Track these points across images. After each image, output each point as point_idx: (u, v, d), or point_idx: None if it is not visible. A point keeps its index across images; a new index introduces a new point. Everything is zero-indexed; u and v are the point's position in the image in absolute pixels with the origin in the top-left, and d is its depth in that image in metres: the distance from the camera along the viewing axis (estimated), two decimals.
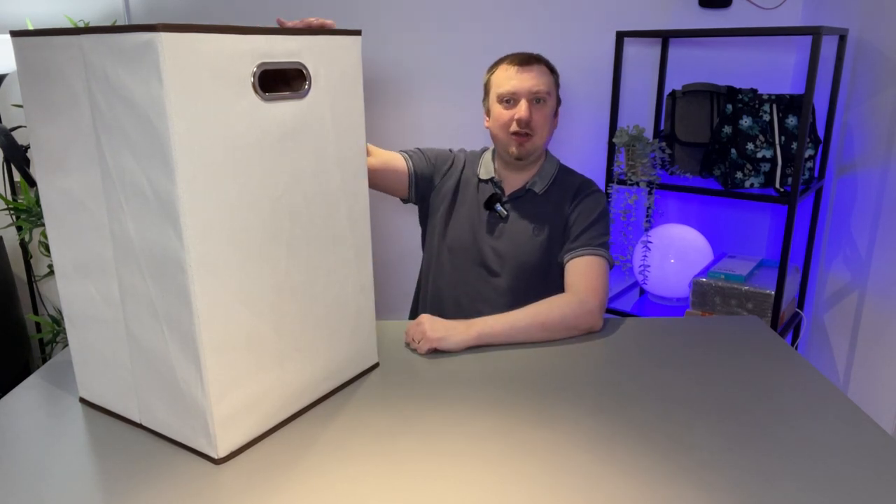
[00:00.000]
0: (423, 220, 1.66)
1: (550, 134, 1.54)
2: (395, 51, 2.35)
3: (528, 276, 1.52)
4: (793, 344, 2.16)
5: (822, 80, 2.09)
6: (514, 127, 1.48)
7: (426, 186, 1.61)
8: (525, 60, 1.49)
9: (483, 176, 1.58)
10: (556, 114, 1.55)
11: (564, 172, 1.59)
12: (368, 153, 1.50)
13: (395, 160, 1.57)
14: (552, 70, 1.53)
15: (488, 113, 1.56)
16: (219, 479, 0.89)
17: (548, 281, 1.52)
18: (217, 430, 0.91)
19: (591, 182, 1.57)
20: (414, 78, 2.38)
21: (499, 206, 1.54)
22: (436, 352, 1.27)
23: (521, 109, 1.47)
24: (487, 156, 1.61)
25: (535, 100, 1.48)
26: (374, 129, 2.47)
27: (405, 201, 1.65)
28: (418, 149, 1.64)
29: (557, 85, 1.55)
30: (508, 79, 1.48)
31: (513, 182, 1.57)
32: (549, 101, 1.50)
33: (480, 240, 1.55)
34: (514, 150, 1.50)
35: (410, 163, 1.59)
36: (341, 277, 1.09)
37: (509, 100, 1.49)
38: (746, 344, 1.31)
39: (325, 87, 1.00)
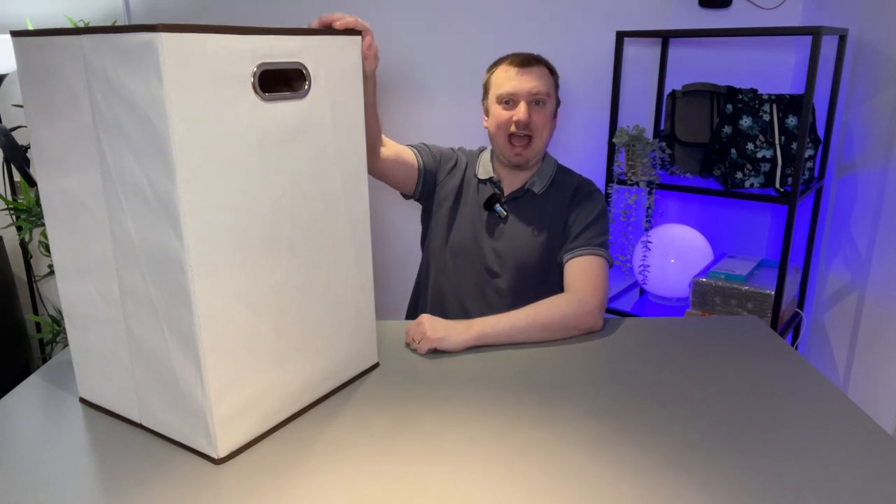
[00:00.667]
0: (426, 218, 1.66)
1: (550, 136, 1.53)
2: (396, 50, 2.35)
3: (528, 276, 1.52)
4: (793, 344, 2.16)
5: (822, 80, 2.09)
6: (512, 128, 1.48)
7: (431, 183, 1.61)
8: (525, 61, 1.49)
9: (482, 176, 1.58)
10: (555, 115, 1.55)
11: (563, 173, 1.58)
12: (382, 143, 1.50)
13: (406, 153, 1.57)
14: (552, 71, 1.53)
15: (487, 113, 1.55)
16: (219, 479, 0.89)
17: (548, 281, 1.52)
18: (217, 430, 0.91)
19: (590, 182, 1.57)
20: (414, 77, 2.38)
21: (498, 207, 1.54)
22: (436, 352, 1.27)
23: (520, 111, 1.46)
24: (486, 155, 1.61)
25: (535, 101, 1.48)
26: None
27: (407, 197, 1.64)
28: (424, 144, 1.63)
29: (557, 86, 1.54)
30: (508, 80, 1.48)
31: (511, 182, 1.57)
32: (549, 102, 1.50)
33: (481, 241, 1.55)
34: (514, 159, 1.51)
35: (420, 158, 1.59)
36: (341, 277, 1.09)
37: (508, 101, 1.48)
38: (746, 344, 1.31)
39: (325, 87, 1.00)
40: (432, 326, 1.27)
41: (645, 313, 2.24)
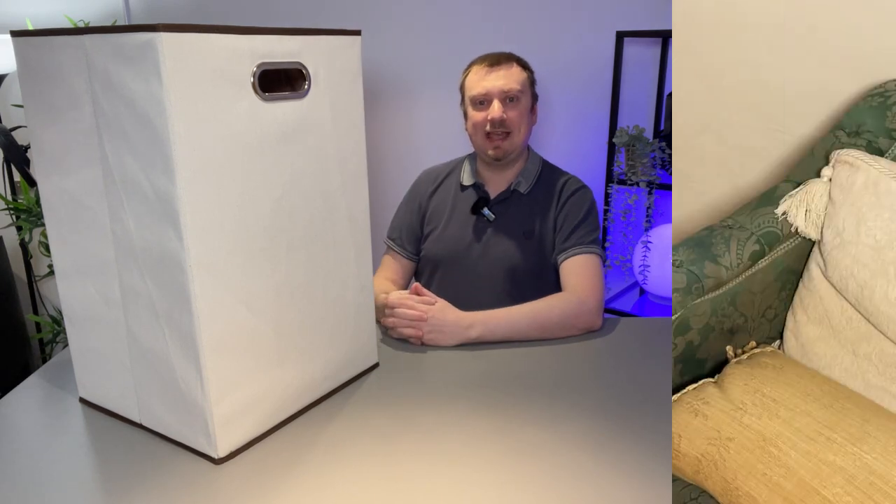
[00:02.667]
0: (421, 238, 1.66)
1: (528, 131, 1.54)
2: (396, 51, 2.35)
3: (521, 278, 1.51)
4: None
5: None
6: (488, 127, 1.48)
7: (420, 234, 1.63)
8: (495, 61, 1.49)
9: (466, 182, 1.58)
10: (533, 110, 1.55)
11: (549, 170, 1.58)
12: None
13: (400, 268, 1.61)
14: (525, 67, 1.53)
15: (466, 116, 1.56)
16: (219, 479, 0.89)
17: (542, 282, 1.51)
18: (217, 430, 0.91)
19: (576, 179, 1.57)
20: (414, 78, 2.38)
21: (486, 211, 1.53)
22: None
23: (494, 110, 1.47)
24: (469, 162, 1.61)
25: (508, 99, 1.48)
26: (374, 129, 2.47)
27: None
28: (391, 235, 1.66)
29: (532, 82, 1.55)
30: (479, 80, 1.49)
31: (497, 184, 1.57)
32: (523, 98, 1.50)
33: (472, 246, 1.54)
34: (491, 152, 1.51)
35: (405, 254, 1.62)
36: (341, 277, 1.09)
37: (482, 101, 1.49)
38: None
39: (325, 87, 1.00)
40: (433, 325, 1.27)
41: (645, 313, 2.24)
